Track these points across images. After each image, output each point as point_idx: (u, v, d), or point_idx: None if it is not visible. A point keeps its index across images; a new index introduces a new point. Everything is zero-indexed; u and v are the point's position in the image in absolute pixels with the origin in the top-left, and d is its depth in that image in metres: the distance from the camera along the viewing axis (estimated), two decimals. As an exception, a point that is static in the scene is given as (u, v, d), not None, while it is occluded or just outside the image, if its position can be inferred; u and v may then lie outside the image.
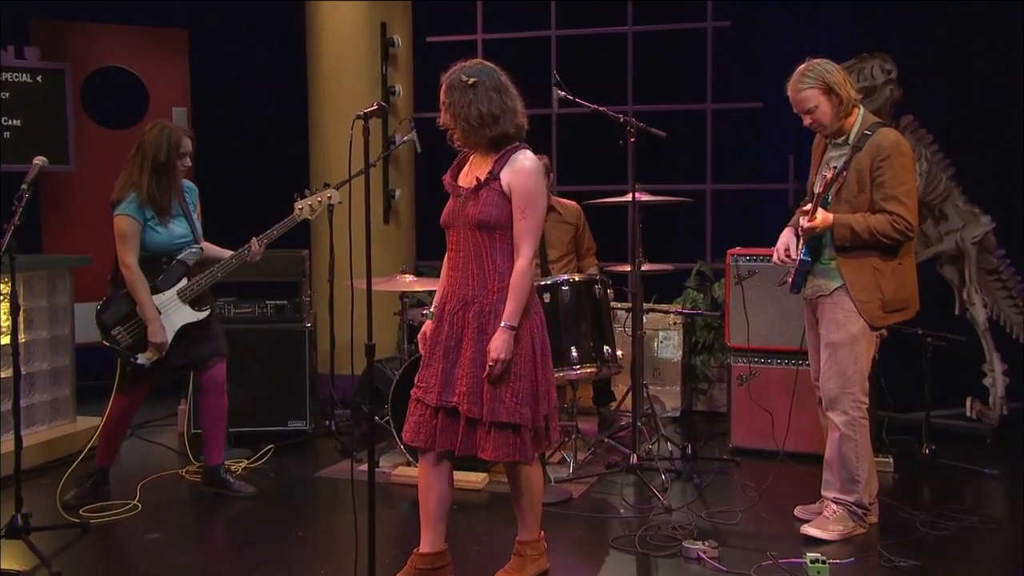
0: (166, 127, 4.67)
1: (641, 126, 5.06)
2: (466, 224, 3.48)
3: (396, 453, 5.34)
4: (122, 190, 4.59)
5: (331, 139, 6.99)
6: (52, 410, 5.65)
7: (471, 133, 3.48)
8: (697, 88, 7.13)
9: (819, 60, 4.12)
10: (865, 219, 4.01)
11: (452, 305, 3.52)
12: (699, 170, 7.16)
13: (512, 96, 3.48)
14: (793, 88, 4.11)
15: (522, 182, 3.43)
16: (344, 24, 7.06)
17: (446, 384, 3.48)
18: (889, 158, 4.00)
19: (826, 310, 4.17)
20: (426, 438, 3.52)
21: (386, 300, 6.13)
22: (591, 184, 6.86)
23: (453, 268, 3.55)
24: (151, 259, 4.63)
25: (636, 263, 5.11)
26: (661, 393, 6.53)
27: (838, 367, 4.12)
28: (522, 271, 3.42)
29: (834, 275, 4.15)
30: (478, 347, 3.44)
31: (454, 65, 3.53)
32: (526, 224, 3.43)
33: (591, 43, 7.45)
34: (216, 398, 4.82)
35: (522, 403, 3.42)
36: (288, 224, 4.84)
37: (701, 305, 6.59)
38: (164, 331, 4.59)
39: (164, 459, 5.58)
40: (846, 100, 4.06)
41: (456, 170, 3.66)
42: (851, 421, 4.12)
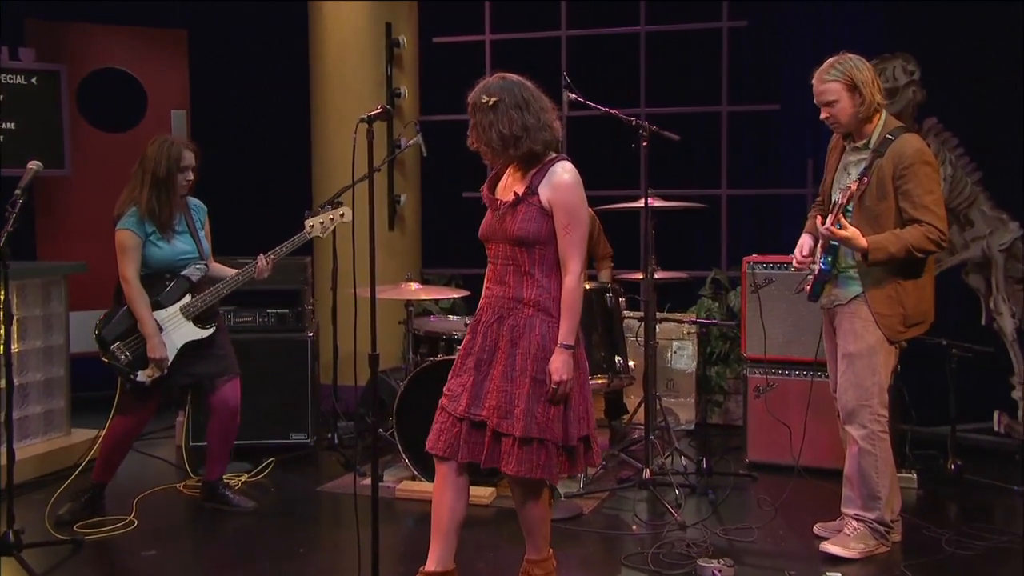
0: (167, 141, 4.72)
1: (654, 129, 5.06)
2: (504, 239, 3.49)
3: (401, 467, 5.33)
4: (123, 205, 4.66)
5: (334, 143, 7.00)
6: (46, 422, 5.66)
7: (495, 155, 3.50)
8: (712, 90, 7.11)
9: (853, 55, 4.09)
10: (899, 238, 3.95)
11: (488, 317, 3.54)
12: (714, 175, 7.15)
13: (536, 111, 3.45)
14: (818, 77, 4.09)
15: (563, 197, 3.44)
16: (348, 24, 7.07)
17: (475, 397, 3.49)
18: (912, 167, 3.97)
19: (843, 320, 4.15)
20: (445, 447, 3.52)
21: (390, 309, 6.13)
22: (602, 189, 6.85)
23: (491, 280, 3.57)
24: (154, 275, 4.66)
25: (649, 271, 5.10)
26: (675, 405, 6.52)
27: (855, 379, 4.10)
28: (572, 288, 3.43)
29: (852, 284, 4.13)
30: (509, 361, 3.44)
31: (478, 82, 3.53)
32: (571, 239, 3.44)
33: (602, 44, 7.45)
34: (228, 420, 4.83)
35: (553, 419, 3.42)
36: (298, 241, 4.87)
37: (716, 314, 6.57)
38: (164, 347, 4.60)
39: (161, 473, 5.59)
40: (869, 101, 4.03)
41: (493, 182, 3.66)
42: (870, 435, 4.09)
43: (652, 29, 7.22)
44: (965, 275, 5.90)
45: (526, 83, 3.51)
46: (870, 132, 4.11)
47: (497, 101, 3.43)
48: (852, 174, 4.14)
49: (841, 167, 4.23)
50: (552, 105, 3.53)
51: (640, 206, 5.17)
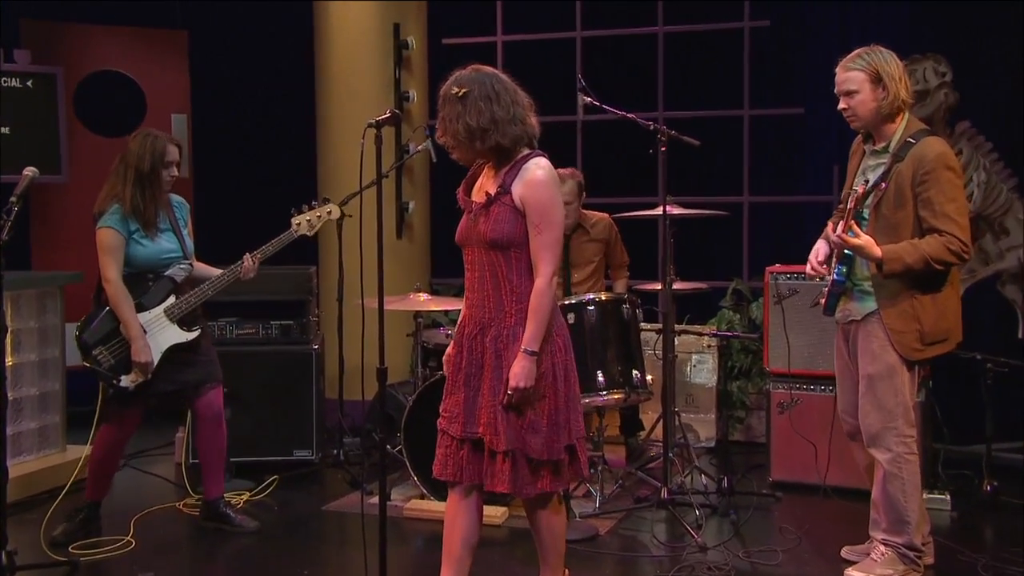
0: (150, 135, 4.70)
1: (673, 134, 5.06)
2: (479, 243, 3.46)
3: (409, 485, 5.32)
4: (104, 202, 4.64)
5: (340, 148, 7.01)
6: (40, 438, 5.66)
7: (460, 148, 3.46)
8: (733, 93, 7.11)
9: (885, 49, 4.03)
10: (916, 248, 3.87)
11: (470, 329, 3.51)
12: (735, 181, 7.14)
13: (507, 104, 3.40)
14: (842, 65, 4.05)
15: (534, 194, 3.39)
16: (354, 25, 7.09)
17: (469, 414, 3.47)
18: (933, 172, 3.88)
19: (859, 338, 4.09)
20: (454, 471, 3.51)
21: (399, 320, 6.12)
22: (618, 196, 6.85)
23: (470, 289, 3.54)
24: (136, 275, 4.65)
25: (667, 281, 5.09)
26: (694, 421, 6.50)
27: (878, 401, 4.03)
28: (540, 292, 3.39)
29: (867, 298, 4.05)
30: (496, 375, 3.42)
31: (451, 74, 3.51)
32: (543, 240, 3.39)
33: (619, 45, 7.45)
34: (214, 428, 4.82)
35: (536, 433, 3.40)
36: (285, 240, 4.87)
37: (737, 327, 6.55)
38: (149, 350, 4.60)
39: (160, 491, 5.59)
40: (892, 97, 3.95)
41: (469, 183, 3.64)
42: (896, 458, 4.03)
43: (671, 30, 7.22)
44: (1000, 286, 5.87)
45: (500, 75, 3.48)
46: (891, 134, 4.03)
47: (467, 92, 3.39)
48: (870, 179, 4.07)
49: (860, 171, 4.17)
50: (528, 101, 3.49)
51: (658, 214, 5.16)
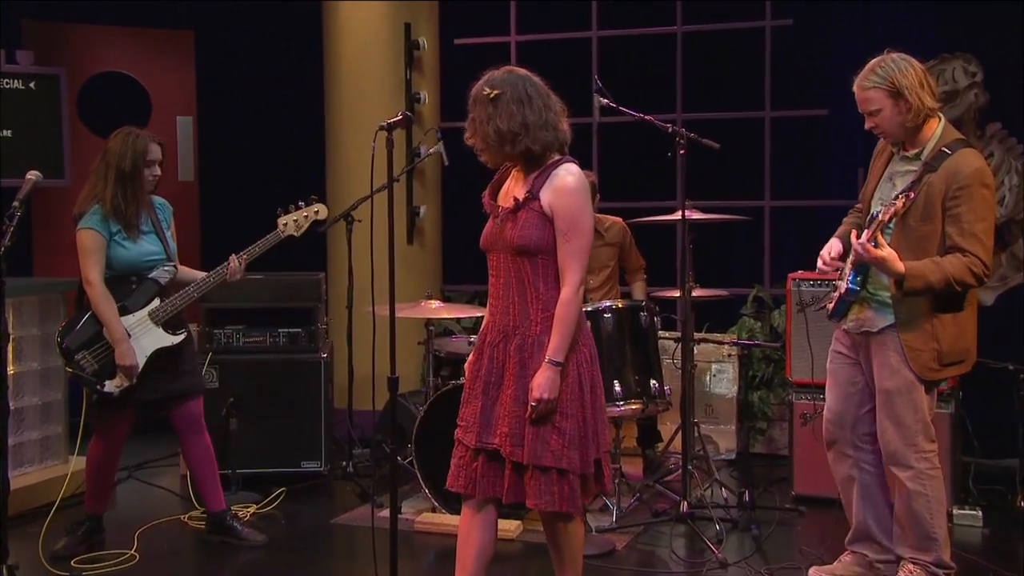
0: (131, 133, 4.71)
1: (692, 136, 5.06)
2: (505, 249, 3.47)
3: (420, 498, 5.32)
4: (84, 202, 4.65)
5: (349, 151, 7.02)
6: (42, 449, 5.68)
7: (490, 151, 3.48)
8: (754, 94, 7.10)
9: (897, 56, 3.93)
10: (940, 267, 3.80)
11: (493, 337, 3.51)
12: (756, 185, 7.13)
13: (539, 108, 3.42)
14: (859, 84, 3.96)
15: (564, 202, 3.40)
16: (364, 25, 7.11)
17: (485, 424, 3.47)
18: (968, 188, 3.81)
19: (876, 351, 4.03)
20: (466, 483, 3.51)
21: (410, 328, 6.13)
22: (636, 201, 6.85)
23: (494, 296, 3.55)
24: (119, 278, 4.65)
25: (686, 288, 5.09)
26: (714, 433, 6.48)
27: (896, 417, 3.98)
28: (567, 301, 3.39)
29: (886, 310, 3.99)
30: (520, 383, 3.42)
31: (483, 74, 3.52)
32: (571, 248, 3.40)
33: (636, 45, 7.45)
34: (198, 437, 4.84)
35: (568, 446, 3.39)
36: (271, 240, 4.88)
37: (759, 335, 6.54)
38: (133, 353, 4.59)
39: (164, 504, 5.60)
40: (917, 108, 3.87)
41: (495, 187, 3.65)
42: (918, 475, 3.98)
43: (689, 29, 7.22)
44: (1032, 293, 5.85)
45: (533, 79, 3.49)
46: (924, 140, 3.96)
47: (499, 94, 3.41)
48: (898, 186, 4.01)
49: (886, 176, 4.10)
50: (561, 106, 3.51)
51: (677, 219, 5.16)
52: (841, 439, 4.20)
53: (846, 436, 4.19)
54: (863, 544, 4.24)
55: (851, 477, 4.21)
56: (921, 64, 3.95)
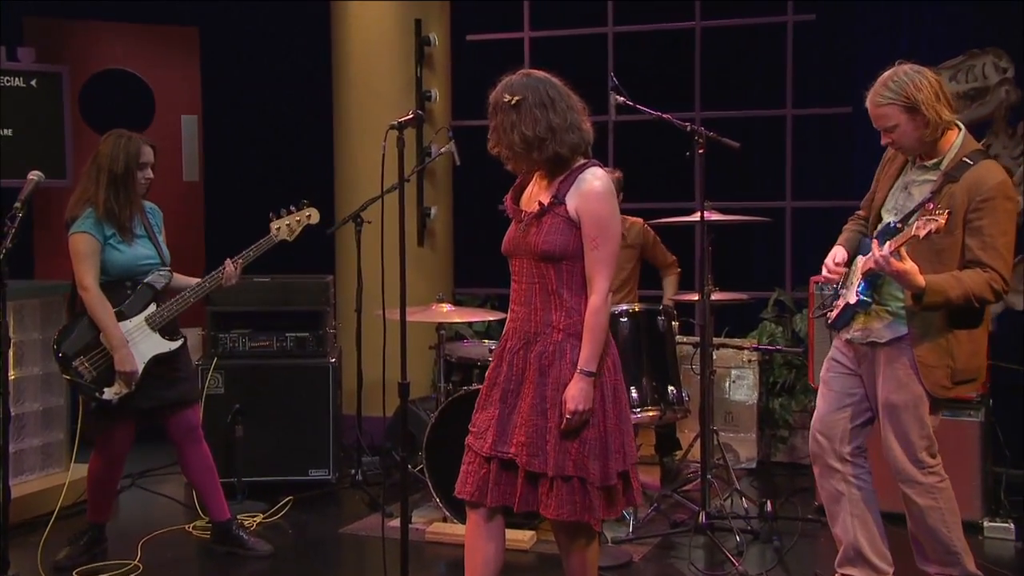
0: (123, 135, 4.73)
1: (711, 135, 5.05)
2: (529, 254, 3.47)
3: (431, 507, 5.32)
4: (76, 206, 4.66)
5: (358, 150, 7.04)
6: (43, 456, 5.70)
7: (518, 159, 3.48)
8: (775, 91, 7.09)
9: (909, 68, 3.88)
10: (960, 282, 3.76)
11: (513, 343, 3.52)
12: (777, 185, 7.12)
13: (563, 110, 3.43)
14: (872, 101, 3.91)
15: (592, 207, 3.41)
16: (374, 21, 7.12)
17: (501, 432, 3.47)
18: (992, 201, 3.77)
19: (882, 363, 3.98)
20: (474, 490, 3.51)
21: (420, 332, 6.13)
22: (653, 201, 6.84)
23: (515, 302, 3.55)
24: (114, 283, 4.66)
25: (705, 292, 5.08)
26: (734, 441, 6.47)
27: (902, 433, 3.93)
28: (597, 309, 3.40)
29: (898, 322, 3.93)
30: (538, 392, 3.42)
31: (500, 79, 3.52)
32: (599, 255, 3.40)
33: (653, 41, 7.45)
34: (196, 446, 4.85)
35: (589, 455, 3.39)
36: (264, 245, 4.91)
37: (780, 340, 6.53)
38: (133, 359, 4.60)
39: (169, 512, 5.62)
40: (934, 122, 3.81)
41: (518, 191, 3.65)
42: (928, 489, 3.94)
43: (709, 24, 7.21)
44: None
45: (553, 80, 3.50)
46: (944, 150, 3.91)
47: (520, 100, 3.41)
48: (915, 195, 3.96)
49: (900, 185, 4.05)
50: (582, 105, 3.52)
51: (695, 220, 5.15)
52: (828, 452, 4.13)
53: (833, 448, 4.12)
54: (855, 566, 4.14)
55: (839, 493, 4.13)
56: (936, 75, 3.89)
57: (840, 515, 4.15)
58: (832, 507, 4.18)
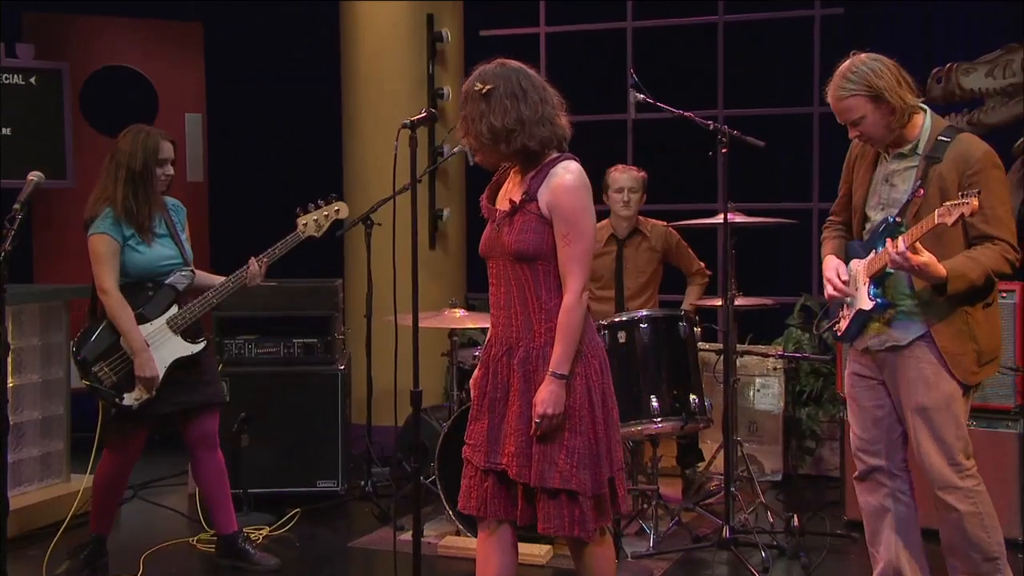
0: (142, 131, 4.73)
1: (735, 134, 5.05)
2: (504, 255, 3.46)
3: (443, 520, 5.33)
4: (95, 206, 4.67)
5: (368, 150, 7.06)
6: (43, 467, 5.71)
7: (484, 150, 3.47)
8: (802, 88, 7.08)
9: (865, 57, 3.88)
10: (977, 261, 3.75)
11: (496, 351, 3.51)
12: (803, 185, 7.11)
13: (535, 102, 3.40)
14: (833, 95, 3.90)
15: (562, 201, 3.38)
16: (384, 16, 7.14)
17: (493, 443, 3.46)
18: (983, 172, 3.77)
19: (906, 367, 3.93)
20: (477, 504, 3.51)
21: (432, 338, 6.15)
22: (674, 203, 6.84)
23: (495, 306, 3.54)
24: (134, 284, 4.67)
25: (728, 297, 5.07)
26: (759, 452, 6.46)
27: (938, 436, 3.88)
28: (569, 308, 3.37)
29: (913, 320, 3.90)
30: (524, 399, 3.40)
31: (475, 69, 3.52)
32: (571, 252, 3.38)
33: (673, 36, 7.45)
34: (211, 454, 4.85)
35: (578, 465, 3.37)
36: (291, 242, 4.90)
37: (807, 347, 6.51)
38: (154, 364, 4.61)
39: (172, 525, 5.63)
40: (900, 108, 3.82)
41: (494, 190, 3.64)
42: (968, 494, 3.88)
43: (732, 19, 7.21)
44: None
45: (528, 71, 3.48)
46: (915, 135, 3.91)
47: (491, 89, 3.40)
48: (899, 186, 3.94)
49: (880, 178, 4.03)
50: (559, 100, 3.49)
51: (719, 222, 5.14)
52: (878, 469, 4.10)
53: (883, 465, 4.08)
54: None
55: (884, 509, 4.09)
56: (892, 60, 3.89)
57: (883, 532, 4.10)
58: (874, 523, 4.13)
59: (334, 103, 7.41)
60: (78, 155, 7.27)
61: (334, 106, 7.41)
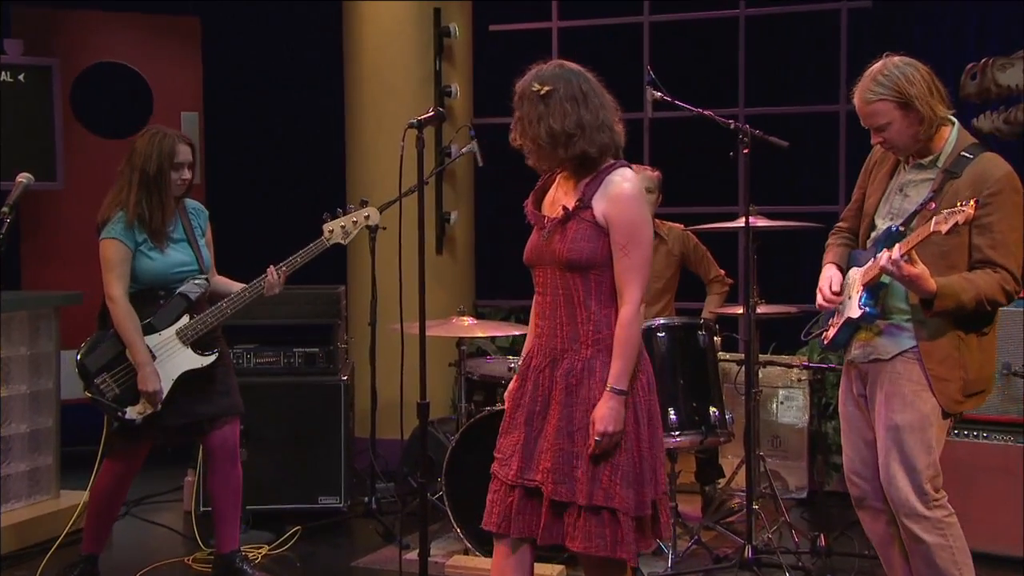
0: (158, 133, 4.73)
1: (757, 134, 5.05)
2: (553, 263, 3.47)
3: (451, 538, 5.33)
4: (108, 209, 4.67)
5: (371, 150, 7.06)
6: (31, 483, 5.71)
7: (541, 154, 3.48)
8: (827, 85, 7.08)
9: (899, 60, 3.86)
10: (972, 284, 3.71)
11: (538, 361, 3.52)
12: (829, 187, 7.10)
13: (595, 107, 3.45)
14: (860, 97, 3.87)
15: (621, 211, 3.41)
16: (389, 10, 7.15)
17: (527, 458, 3.46)
18: (1000, 195, 3.73)
19: (885, 380, 3.90)
20: (500, 520, 3.50)
21: (439, 347, 6.15)
22: (692, 206, 6.84)
23: (539, 315, 3.55)
24: (146, 292, 4.68)
25: (750, 304, 5.07)
26: (782, 468, 6.45)
27: (906, 459, 3.84)
28: (628, 321, 3.40)
29: (901, 335, 3.87)
30: (565, 413, 3.42)
31: (529, 68, 3.53)
32: (629, 263, 3.40)
33: (692, 31, 7.45)
34: (227, 467, 4.84)
35: (621, 483, 3.38)
36: (315, 250, 4.87)
37: (833, 357, 6.49)
38: (157, 378, 4.61)
39: (166, 544, 5.64)
40: (929, 118, 3.79)
41: (539, 195, 3.66)
42: (936, 525, 3.83)
43: (754, 12, 7.20)
44: None
45: (587, 74, 3.51)
46: (938, 147, 3.88)
47: (551, 91, 3.42)
48: (912, 196, 3.92)
49: (895, 188, 4.00)
50: (615, 106, 3.53)
51: (740, 226, 5.14)
52: (871, 493, 4.05)
53: (877, 488, 4.02)
54: None
55: (891, 536, 4.05)
56: (927, 67, 3.86)
57: (895, 561, 4.07)
58: (884, 551, 4.10)
59: (337, 101, 7.41)
60: (68, 156, 7.28)
61: (337, 104, 7.41)
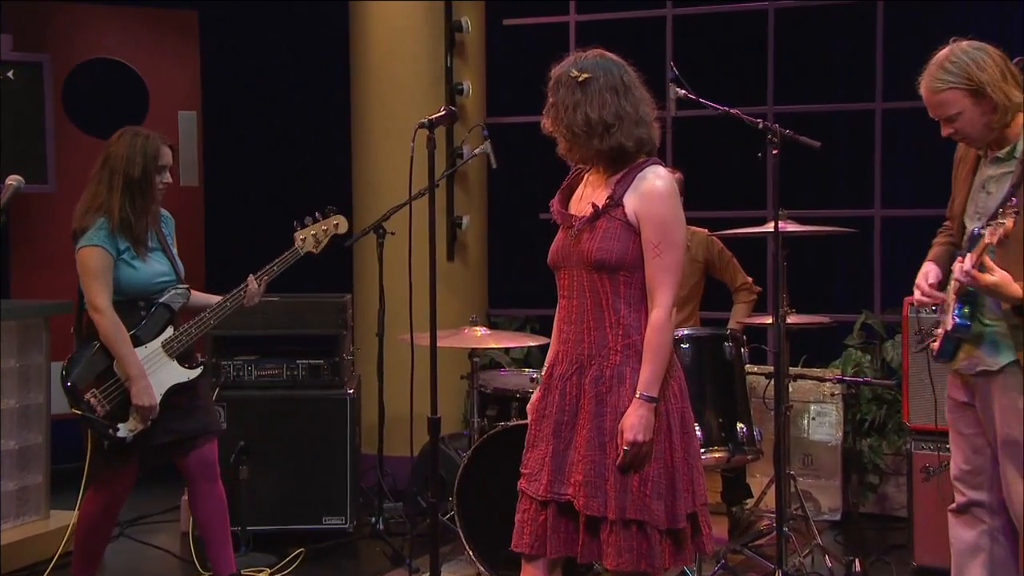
0: (139, 134, 4.72)
1: (787, 133, 5.04)
2: (581, 264, 3.49)
3: (463, 561, 5.33)
4: (86, 216, 4.63)
5: (379, 151, 7.07)
6: (20, 502, 5.71)
7: (575, 143, 3.50)
8: (861, 82, 7.08)
9: (967, 45, 3.83)
10: None
11: (564, 369, 3.53)
12: (864, 190, 7.09)
13: (635, 100, 3.48)
14: (927, 86, 3.88)
15: (654, 209, 3.43)
16: (398, 4, 7.16)
17: (557, 471, 3.47)
18: None
19: (996, 393, 3.89)
20: (532, 541, 3.50)
21: (450, 359, 6.14)
22: (718, 210, 6.83)
23: (565, 321, 3.56)
24: (127, 303, 4.66)
25: (779, 314, 5.06)
26: (815, 488, 6.44)
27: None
28: (659, 325, 3.41)
29: (1003, 345, 3.86)
30: (595, 423, 3.43)
31: (566, 56, 3.57)
32: (662, 263, 3.42)
33: (718, 25, 7.46)
34: (211, 486, 4.84)
35: (652, 494, 3.39)
36: (290, 259, 4.91)
37: (868, 371, 6.49)
38: (152, 392, 4.61)
39: (162, 567, 5.66)
40: (1003, 105, 3.76)
41: (566, 193, 3.67)
42: None
43: (784, 4, 7.20)
44: None
45: (628, 67, 3.55)
46: (1014, 137, 3.85)
47: (589, 78, 3.46)
48: (994, 193, 3.90)
49: (977, 184, 4.00)
50: (653, 103, 3.56)
51: (769, 231, 5.14)
52: (978, 503, 4.05)
53: (984, 500, 4.03)
54: None
55: (979, 547, 4.05)
56: (999, 51, 3.83)
57: (972, 572, 4.05)
58: (963, 560, 4.08)
59: (342, 99, 7.43)
60: (60, 157, 7.31)
61: (342, 103, 7.43)
